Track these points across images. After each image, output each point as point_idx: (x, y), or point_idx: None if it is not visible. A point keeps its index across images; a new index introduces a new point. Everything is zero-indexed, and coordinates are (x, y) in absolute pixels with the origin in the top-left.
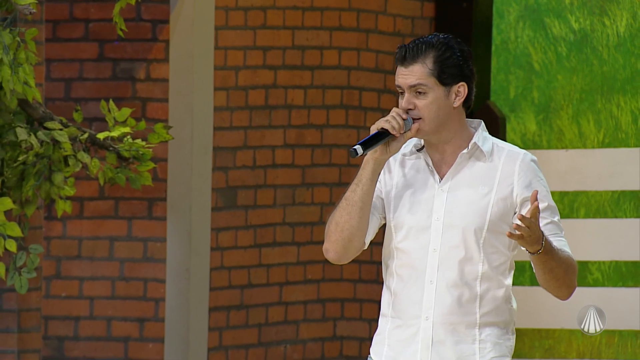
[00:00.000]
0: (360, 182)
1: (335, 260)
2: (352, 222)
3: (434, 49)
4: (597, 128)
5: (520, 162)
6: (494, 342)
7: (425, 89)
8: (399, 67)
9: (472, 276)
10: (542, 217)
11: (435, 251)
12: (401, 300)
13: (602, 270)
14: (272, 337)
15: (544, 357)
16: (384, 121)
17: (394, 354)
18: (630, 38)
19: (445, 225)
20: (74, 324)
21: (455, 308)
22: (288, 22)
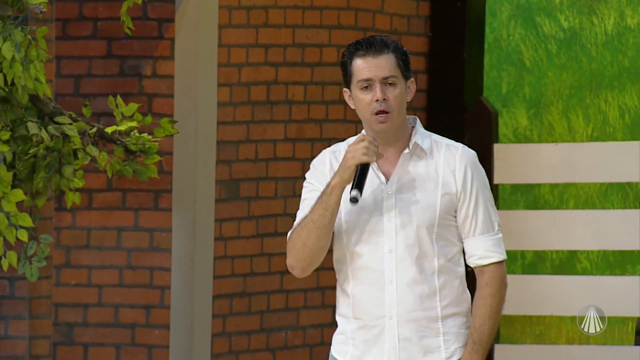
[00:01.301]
0: (329, 207)
1: (301, 275)
2: (320, 243)
3: (394, 44)
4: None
5: (459, 156)
6: (456, 332)
7: (396, 81)
8: (363, 59)
9: (430, 271)
10: (471, 215)
11: (391, 252)
12: (362, 302)
13: (591, 259)
14: (273, 324)
15: (534, 342)
16: (362, 155)
17: (359, 353)
18: (618, 36)
19: (397, 226)
20: (83, 311)
21: (418, 304)
22: (289, 21)
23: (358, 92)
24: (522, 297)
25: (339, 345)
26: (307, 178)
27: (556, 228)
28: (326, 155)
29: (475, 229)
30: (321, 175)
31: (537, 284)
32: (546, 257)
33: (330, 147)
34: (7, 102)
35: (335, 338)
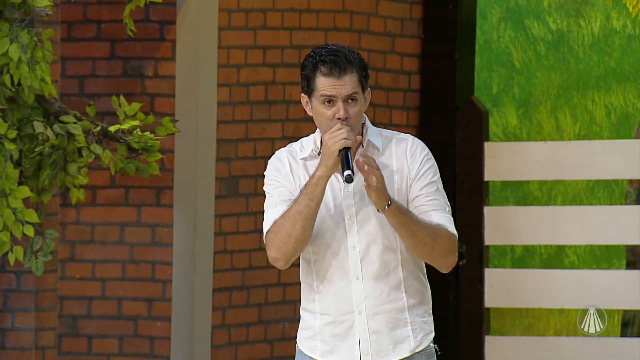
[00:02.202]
0: (315, 197)
1: (284, 267)
2: (305, 233)
3: (355, 59)
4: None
5: (409, 147)
6: (420, 321)
7: (357, 97)
8: (327, 77)
9: (394, 264)
10: (425, 193)
11: (355, 248)
12: (329, 298)
13: (578, 254)
14: (271, 316)
15: (524, 334)
16: (343, 139)
17: (329, 348)
18: (604, 38)
19: (359, 222)
20: (87, 304)
21: (385, 297)
22: (286, 23)
23: (319, 105)
24: (511, 290)
25: (305, 340)
26: (269, 175)
27: (545, 223)
28: (284, 154)
29: (427, 206)
30: (283, 173)
31: (526, 278)
32: (535, 252)
33: (285, 147)
34: (14, 101)
35: (300, 333)
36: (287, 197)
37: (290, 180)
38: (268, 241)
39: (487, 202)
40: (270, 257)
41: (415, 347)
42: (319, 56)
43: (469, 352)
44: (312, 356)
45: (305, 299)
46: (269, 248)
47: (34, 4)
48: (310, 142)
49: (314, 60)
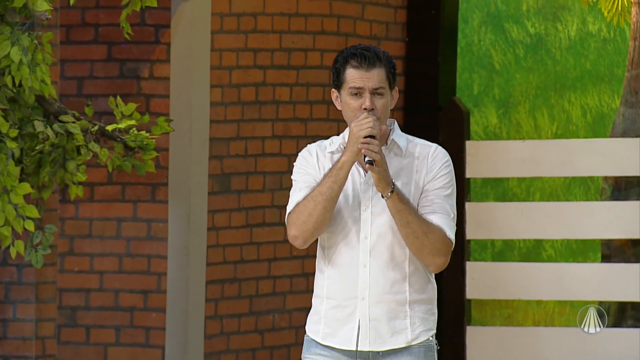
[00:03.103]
0: (338, 181)
1: (302, 246)
2: (325, 214)
3: (384, 57)
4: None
5: (432, 152)
6: (422, 317)
7: (384, 91)
8: (355, 70)
9: (401, 258)
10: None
11: (367, 238)
12: (336, 283)
13: (555, 248)
14: (262, 307)
15: (503, 324)
16: (369, 128)
17: (331, 330)
18: (580, 41)
19: (373, 214)
20: (86, 296)
21: (388, 288)
22: (276, 27)
23: (348, 97)
24: (491, 283)
25: (312, 324)
26: (297, 165)
27: (523, 219)
28: (313, 148)
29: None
30: (310, 163)
31: (506, 271)
32: (514, 246)
33: (315, 142)
34: (15, 102)
35: (309, 319)
36: (311, 184)
37: (317, 170)
38: (289, 221)
39: (468, 198)
40: (290, 236)
41: (412, 339)
42: (350, 51)
43: (451, 341)
44: (315, 339)
45: (316, 286)
46: (289, 227)
47: (35, 9)
48: (339, 138)
49: (345, 54)
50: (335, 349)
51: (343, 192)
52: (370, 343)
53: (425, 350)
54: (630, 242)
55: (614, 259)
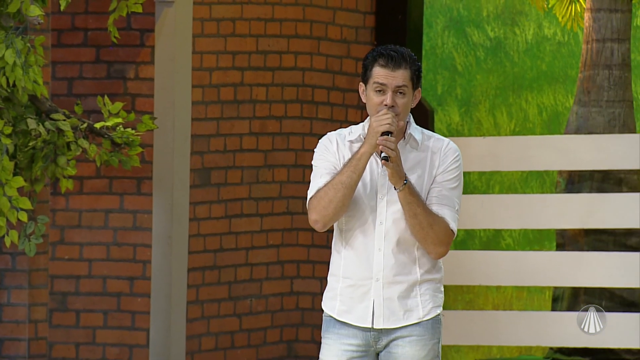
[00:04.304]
0: (357, 170)
1: (321, 229)
2: (345, 201)
3: (411, 59)
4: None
5: (444, 147)
6: (432, 294)
7: (406, 90)
8: (382, 68)
9: (412, 243)
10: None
11: (382, 224)
12: (353, 264)
13: (513, 237)
14: (240, 293)
15: (465, 308)
16: (388, 125)
17: (346, 308)
18: (537, 44)
19: (389, 202)
20: (75, 282)
21: (400, 270)
22: (253, 31)
23: (372, 92)
24: (454, 270)
25: (328, 301)
26: (318, 152)
27: (483, 210)
28: (333, 136)
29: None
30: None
31: (467, 258)
32: (475, 235)
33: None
34: (9, 101)
35: (325, 295)
36: (331, 170)
37: (336, 157)
38: (310, 206)
39: None
40: (310, 220)
41: (424, 315)
42: (380, 50)
43: None
44: (331, 314)
45: (332, 265)
46: (310, 212)
47: (27, 14)
48: (359, 128)
49: (375, 53)
50: (351, 325)
51: (362, 180)
52: (385, 321)
53: (433, 323)
54: (582, 232)
55: (568, 247)
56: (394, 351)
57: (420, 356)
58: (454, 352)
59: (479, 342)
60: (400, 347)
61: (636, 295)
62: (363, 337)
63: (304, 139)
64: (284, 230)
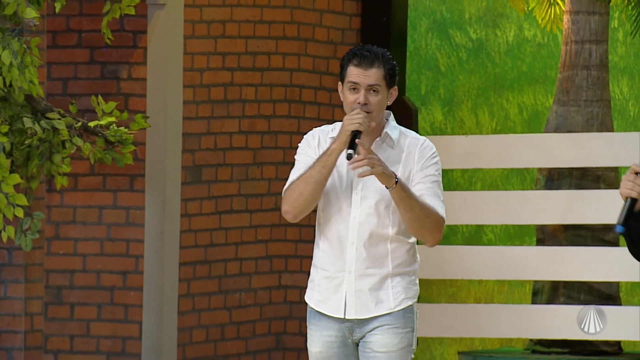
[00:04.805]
0: (327, 166)
1: (292, 219)
2: (314, 195)
3: (385, 59)
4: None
5: (420, 145)
6: (404, 287)
7: (379, 89)
8: (355, 68)
9: (384, 237)
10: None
11: (355, 218)
12: (328, 256)
13: (495, 232)
14: (229, 287)
15: (448, 301)
16: (358, 124)
17: (322, 298)
18: (517, 46)
19: (362, 197)
20: (70, 276)
21: (372, 263)
22: (242, 33)
23: (347, 90)
24: (437, 264)
25: (309, 291)
26: (301, 147)
27: (466, 206)
28: (316, 132)
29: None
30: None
31: (450, 253)
32: (458, 231)
33: (319, 127)
34: (6, 100)
35: (308, 285)
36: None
37: (316, 153)
38: (284, 197)
39: None
40: (282, 210)
41: (394, 307)
42: (354, 50)
43: None
44: (309, 303)
45: (314, 256)
46: (283, 203)
47: (24, 16)
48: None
49: (350, 53)
50: (327, 316)
51: (338, 175)
52: (356, 311)
53: (405, 312)
54: (562, 227)
55: (548, 242)
56: (369, 340)
57: (392, 344)
58: (437, 343)
59: (461, 334)
60: (374, 336)
61: (613, 289)
62: (339, 328)
63: (292, 137)
64: (272, 226)
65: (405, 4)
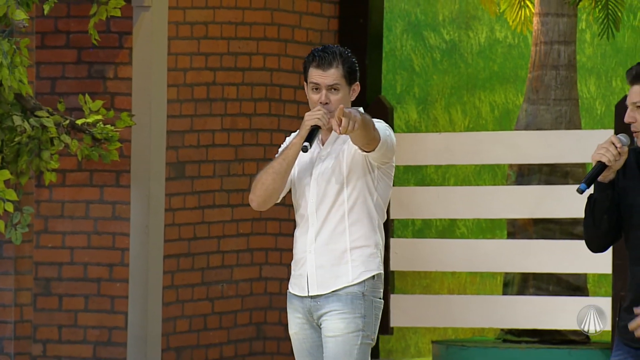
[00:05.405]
0: (287, 158)
1: (256, 208)
2: (274, 185)
3: (344, 58)
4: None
5: None
6: (363, 260)
7: (339, 87)
8: (315, 69)
9: (340, 214)
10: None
11: (313, 201)
12: (297, 241)
13: (467, 226)
14: (212, 278)
15: (422, 293)
16: (317, 119)
17: (294, 280)
18: (489, 47)
19: (319, 181)
20: (58, 268)
21: (329, 239)
22: (224, 34)
23: (310, 91)
24: (412, 257)
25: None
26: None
27: (440, 201)
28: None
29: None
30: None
31: (424, 246)
32: (432, 224)
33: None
34: None
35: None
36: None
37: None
38: (252, 186)
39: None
40: (249, 199)
41: (353, 280)
42: (314, 52)
43: None
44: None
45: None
46: (251, 192)
47: (13, 18)
48: None
49: (310, 55)
50: (296, 296)
51: (302, 163)
52: (318, 287)
53: (353, 299)
54: (531, 221)
55: (518, 235)
56: (323, 326)
57: (339, 329)
58: (412, 333)
59: (435, 324)
60: (325, 322)
61: (581, 280)
62: (303, 308)
63: (272, 134)
64: (253, 220)
65: (381, 6)
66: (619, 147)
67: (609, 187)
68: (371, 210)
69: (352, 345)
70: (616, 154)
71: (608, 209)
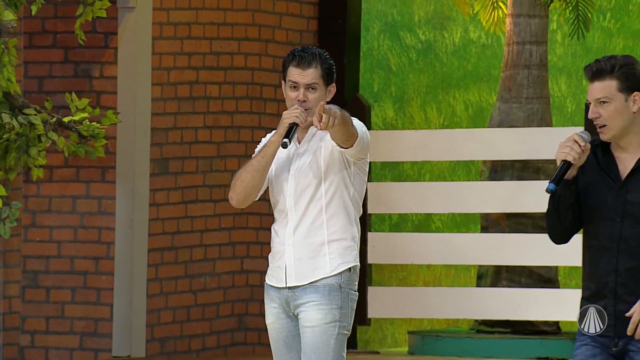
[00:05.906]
0: (265, 156)
1: (236, 205)
2: (253, 182)
3: (322, 59)
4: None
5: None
6: (340, 252)
7: (317, 87)
8: (295, 68)
9: (318, 208)
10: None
11: (291, 195)
12: (276, 234)
13: (442, 220)
14: (195, 271)
15: (399, 285)
16: (294, 117)
17: (271, 272)
18: (463, 47)
19: (296, 177)
20: (46, 262)
21: (308, 232)
22: (207, 34)
23: (288, 89)
24: (389, 250)
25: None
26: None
27: (415, 196)
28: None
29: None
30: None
31: (401, 240)
32: (408, 219)
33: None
34: None
35: None
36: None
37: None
38: (231, 185)
39: (369, 179)
40: (229, 196)
41: (330, 271)
42: (294, 52)
43: None
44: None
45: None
46: (230, 190)
47: (2, 18)
48: None
49: (290, 54)
50: (273, 287)
51: (279, 160)
52: (296, 279)
53: (330, 290)
54: (504, 215)
55: (491, 229)
56: (300, 317)
57: (316, 319)
58: (388, 324)
59: (411, 315)
60: (302, 313)
61: (552, 273)
62: (280, 298)
63: (253, 132)
64: (235, 214)
65: (359, 7)
66: (582, 145)
67: (573, 183)
68: (348, 204)
69: (329, 335)
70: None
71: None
